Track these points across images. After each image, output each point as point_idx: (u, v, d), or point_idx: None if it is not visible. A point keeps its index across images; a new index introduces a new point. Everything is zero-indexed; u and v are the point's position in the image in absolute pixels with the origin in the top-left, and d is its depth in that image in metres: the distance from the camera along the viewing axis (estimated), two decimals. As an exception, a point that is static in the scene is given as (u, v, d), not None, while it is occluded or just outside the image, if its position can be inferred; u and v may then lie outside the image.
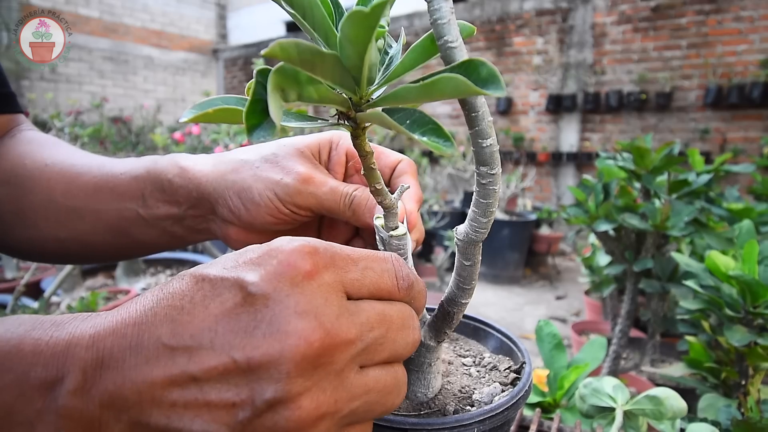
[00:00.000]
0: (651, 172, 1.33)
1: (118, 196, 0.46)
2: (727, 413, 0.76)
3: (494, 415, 0.35)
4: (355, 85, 0.27)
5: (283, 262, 0.25)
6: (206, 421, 0.23)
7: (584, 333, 2.16)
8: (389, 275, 0.29)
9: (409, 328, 0.29)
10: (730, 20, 4.35)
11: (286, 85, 0.24)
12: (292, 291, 0.24)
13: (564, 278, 4.32)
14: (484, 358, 0.47)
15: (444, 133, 0.27)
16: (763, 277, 0.93)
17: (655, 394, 0.64)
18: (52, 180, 0.48)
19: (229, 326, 0.23)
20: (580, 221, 1.41)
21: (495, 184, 0.31)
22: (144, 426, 0.23)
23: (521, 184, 4.67)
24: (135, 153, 4.89)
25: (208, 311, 0.23)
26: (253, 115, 0.25)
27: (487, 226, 0.33)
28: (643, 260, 1.35)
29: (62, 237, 0.48)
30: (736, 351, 0.96)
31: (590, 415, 0.69)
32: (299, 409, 0.23)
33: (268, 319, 0.23)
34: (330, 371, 0.24)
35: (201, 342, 0.23)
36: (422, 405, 0.39)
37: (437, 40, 0.27)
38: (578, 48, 5.16)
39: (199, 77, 8.49)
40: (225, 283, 0.24)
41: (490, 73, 0.25)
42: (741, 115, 4.38)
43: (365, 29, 0.22)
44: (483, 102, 0.28)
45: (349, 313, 0.25)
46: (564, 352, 0.93)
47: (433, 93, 0.25)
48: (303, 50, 0.22)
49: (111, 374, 0.22)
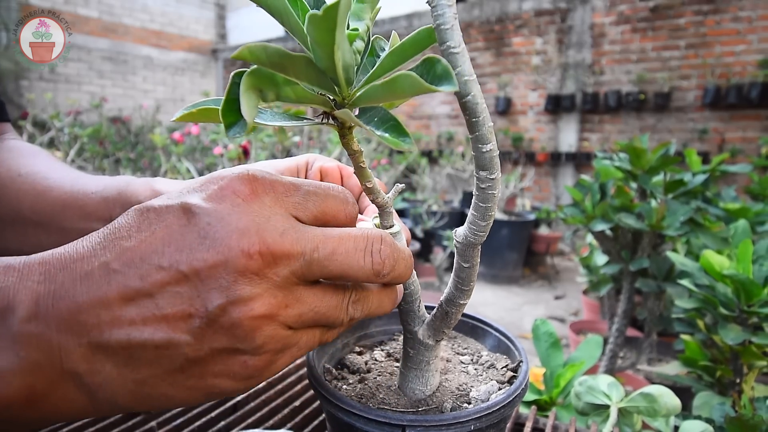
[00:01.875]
0: (647, 173, 1.34)
1: (85, 215, 0.45)
2: (720, 411, 0.77)
3: (491, 413, 0.35)
4: (335, 85, 0.27)
5: (224, 187, 0.26)
6: (166, 332, 0.25)
7: (582, 332, 2.17)
8: (334, 200, 0.30)
9: (362, 251, 0.29)
10: (729, 21, 4.37)
11: (264, 86, 0.26)
12: (233, 210, 0.26)
13: (563, 278, 4.33)
14: (481, 357, 0.47)
15: (403, 130, 0.28)
16: (758, 277, 0.94)
17: (649, 392, 0.65)
18: (22, 191, 0.47)
19: (175, 245, 0.25)
20: (576, 221, 1.42)
21: (494, 189, 0.31)
22: (105, 345, 0.24)
23: (520, 184, 4.68)
24: (134, 153, 4.89)
25: (154, 236, 0.25)
26: (230, 113, 0.26)
27: (486, 229, 0.34)
28: (640, 260, 1.36)
29: (26, 251, 0.46)
30: (730, 349, 0.97)
31: (585, 413, 0.69)
32: (251, 310, 0.25)
33: (212, 235, 0.25)
34: (276, 281, 0.26)
35: (150, 262, 0.25)
36: (420, 402, 0.40)
37: (440, 45, 0.28)
38: (577, 48, 5.17)
39: (199, 77, 8.50)
40: (170, 209, 0.26)
41: (444, 70, 0.26)
42: (739, 115, 4.39)
43: (326, 31, 0.23)
44: (484, 108, 0.29)
45: (295, 230, 0.27)
46: (560, 351, 0.94)
47: (395, 91, 0.26)
48: (271, 53, 0.24)
49: (64, 303, 0.24)
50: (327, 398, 0.37)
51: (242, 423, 0.58)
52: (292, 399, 0.64)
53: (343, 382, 0.42)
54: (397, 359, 0.46)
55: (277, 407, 0.61)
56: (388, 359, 0.47)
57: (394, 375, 0.44)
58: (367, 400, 0.40)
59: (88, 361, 0.24)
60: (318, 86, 0.27)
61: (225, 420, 0.58)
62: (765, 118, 4.28)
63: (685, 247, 1.47)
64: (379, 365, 0.46)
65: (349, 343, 0.49)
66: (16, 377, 0.23)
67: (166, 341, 0.25)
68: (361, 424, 0.35)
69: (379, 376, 0.44)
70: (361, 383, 0.42)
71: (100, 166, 4.26)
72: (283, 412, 0.59)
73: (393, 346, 0.49)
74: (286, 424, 0.58)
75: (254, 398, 0.63)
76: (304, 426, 0.59)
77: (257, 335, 0.26)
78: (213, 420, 0.57)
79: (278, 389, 0.65)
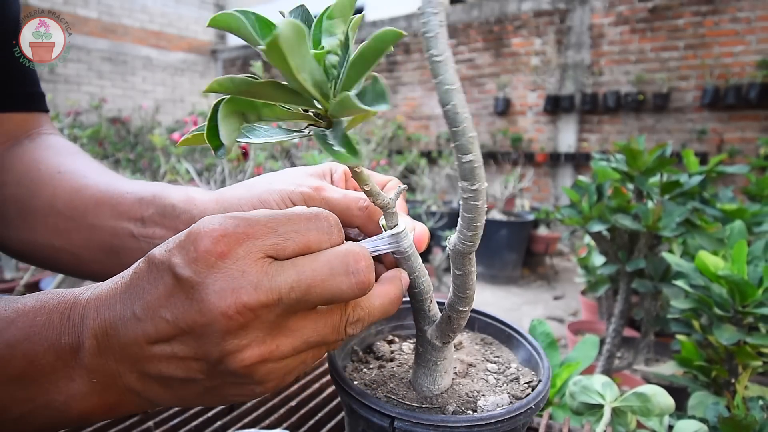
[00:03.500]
0: (643, 174, 1.35)
1: (118, 214, 0.46)
2: (714, 410, 0.78)
3: (483, 425, 0.35)
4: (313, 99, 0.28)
5: (199, 249, 0.28)
6: (184, 370, 0.29)
7: (580, 333, 2.17)
8: (317, 231, 0.31)
9: (341, 274, 0.30)
10: (727, 21, 4.37)
11: (246, 109, 0.28)
12: (209, 272, 0.28)
13: (562, 278, 4.33)
14: (510, 368, 0.46)
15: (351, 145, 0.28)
16: (752, 277, 0.95)
17: (642, 391, 0.66)
18: (59, 188, 0.49)
19: (171, 302, 0.28)
20: (574, 222, 1.42)
21: (477, 200, 0.31)
22: (147, 374, 0.30)
23: (519, 185, 4.68)
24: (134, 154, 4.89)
25: (158, 291, 0.29)
26: (214, 138, 0.28)
27: (474, 239, 0.33)
28: (636, 260, 1.36)
29: (57, 246, 0.48)
30: (725, 350, 0.97)
31: (580, 412, 0.70)
32: (243, 360, 0.29)
33: (196, 298, 0.28)
34: (262, 327, 0.29)
35: (158, 315, 0.28)
36: (425, 399, 0.40)
37: (425, 52, 0.28)
38: (576, 49, 5.17)
39: (198, 78, 8.50)
40: (162, 267, 0.29)
41: (381, 90, 0.26)
42: (738, 115, 4.40)
43: (280, 61, 0.24)
44: (465, 117, 0.28)
45: (269, 278, 0.28)
46: (557, 351, 0.94)
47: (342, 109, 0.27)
48: (238, 83, 0.26)
49: (115, 340, 0.29)
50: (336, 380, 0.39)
51: (239, 423, 0.58)
52: (289, 399, 0.65)
53: (365, 365, 0.44)
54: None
55: (273, 407, 0.62)
56: (413, 353, 0.47)
57: (410, 368, 0.44)
58: (378, 386, 0.41)
59: (141, 383, 0.30)
60: (295, 104, 0.29)
61: (221, 420, 0.58)
62: (764, 119, 4.28)
63: (682, 247, 1.47)
64: (403, 356, 0.47)
65: (383, 330, 0.51)
66: (94, 396, 0.30)
67: (186, 377, 0.30)
68: (357, 407, 0.37)
69: (398, 366, 0.45)
70: (379, 369, 0.44)
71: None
72: (280, 411, 0.60)
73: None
74: (282, 423, 0.59)
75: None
76: (300, 425, 0.59)
77: (255, 375, 0.30)
78: (209, 420, 0.58)
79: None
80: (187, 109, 8.16)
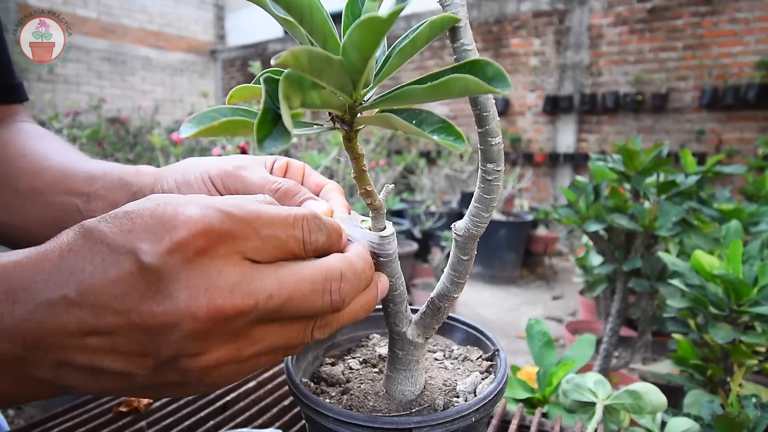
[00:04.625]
0: (640, 174, 1.35)
1: (69, 190, 0.47)
2: (709, 408, 0.78)
3: (488, 402, 0.37)
4: (353, 88, 0.27)
5: (175, 241, 0.25)
6: (123, 364, 0.26)
7: (578, 332, 2.17)
8: (296, 240, 0.29)
9: (320, 292, 0.28)
10: (726, 22, 4.38)
11: (291, 93, 0.24)
12: (183, 267, 0.25)
13: (560, 278, 4.33)
14: (453, 351, 0.48)
15: (455, 131, 0.28)
16: (747, 277, 0.95)
17: (634, 389, 0.66)
18: (22, 170, 0.50)
19: (127, 291, 0.25)
20: (571, 222, 1.43)
21: (499, 180, 0.33)
22: (70, 363, 0.26)
23: (518, 185, 4.68)
24: (133, 153, 4.89)
25: (107, 276, 0.25)
26: (264, 125, 0.25)
27: (487, 220, 0.35)
28: (633, 260, 1.36)
29: (12, 223, 0.50)
30: (721, 348, 0.98)
31: (572, 410, 0.70)
32: (200, 362, 0.26)
33: (162, 291, 0.25)
34: (228, 333, 0.26)
35: (104, 303, 0.25)
36: (411, 403, 0.40)
37: (453, 43, 0.29)
38: (575, 49, 5.18)
39: (197, 78, 8.50)
40: (121, 250, 0.25)
41: (496, 72, 0.26)
42: (736, 116, 4.40)
43: (376, 35, 0.23)
44: (492, 103, 0.30)
45: (247, 282, 0.26)
46: (553, 350, 0.94)
47: (440, 93, 0.26)
48: (314, 57, 0.23)
49: (29, 325, 0.25)
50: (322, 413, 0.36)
51: (231, 422, 0.58)
52: (282, 398, 0.65)
53: (325, 395, 0.41)
54: (373, 365, 0.46)
55: (266, 406, 0.62)
56: (364, 366, 0.46)
57: (375, 381, 0.43)
58: (357, 410, 0.39)
59: (56, 371, 0.26)
60: (341, 90, 0.26)
61: (214, 419, 0.58)
62: (762, 119, 4.29)
63: (678, 247, 1.48)
64: (358, 373, 0.45)
65: (318, 355, 0.48)
66: None
67: (123, 371, 0.26)
68: None
69: (362, 384, 0.43)
70: (346, 394, 0.41)
71: (99, 166, 4.25)
72: (272, 411, 0.60)
73: (364, 353, 0.48)
74: (275, 423, 0.59)
75: (244, 398, 0.64)
76: (292, 425, 0.59)
77: (207, 378, 0.27)
78: (202, 419, 0.58)
79: (268, 389, 0.66)
80: (186, 110, 8.16)
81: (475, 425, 0.37)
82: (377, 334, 0.52)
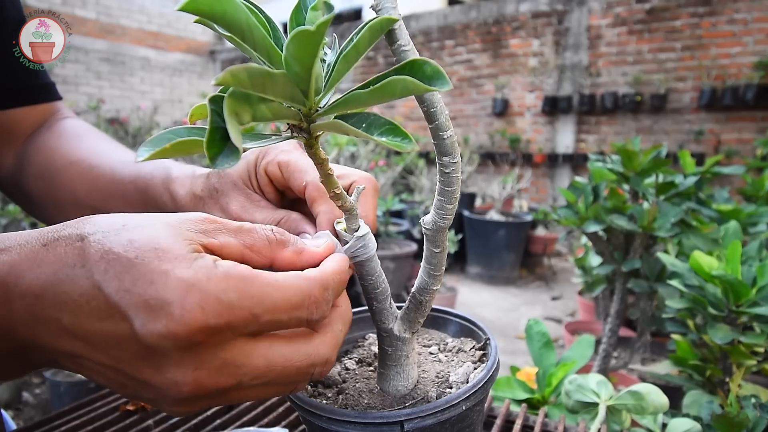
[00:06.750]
0: (639, 174, 1.36)
1: (127, 204, 0.51)
2: (708, 409, 0.78)
3: (477, 390, 0.38)
4: (304, 97, 0.27)
5: (171, 330, 0.25)
6: (107, 381, 0.28)
7: (577, 333, 2.18)
8: (298, 321, 0.29)
9: (304, 375, 0.30)
10: (724, 23, 4.39)
11: (239, 109, 0.25)
12: (175, 350, 0.26)
13: (560, 279, 4.35)
14: (447, 344, 0.48)
15: (401, 132, 0.29)
16: (746, 277, 0.96)
17: (637, 390, 0.67)
18: (76, 179, 0.54)
19: (120, 346, 0.26)
20: (570, 222, 1.43)
21: (457, 172, 0.33)
22: (62, 366, 0.28)
23: (517, 186, 4.70)
24: (132, 154, 4.88)
25: (102, 327, 0.26)
26: (213, 144, 0.25)
27: (453, 212, 0.36)
28: (632, 260, 1.37)
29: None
30: (720, 349, 0.98)
31: (575, 411, 0.71)
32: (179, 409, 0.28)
33: (153, 362, 0.26)
34: (208, 398, 0.28)
35: (97, 344, 0.26)
36: (405, 397, 0.41)
37: (391, 45, 0.29)
38: (574, 50, 5.19)
39: (196, 78, 8.50)
40: (117, 310, 0.25)
41: (434, 71, 0.27)
42: (735, 116, 4.42)
43: (312, 46, 0.24)
44: (439, 98, 0.31)
45: (236, 364, 0.27)
46: (553, 351, 0.95)
47: (383, 95, 0.27)
48: (253, 74, 0.23)
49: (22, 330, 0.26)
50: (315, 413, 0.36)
51: (238, 421, 0.59)
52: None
53: (321, 397, 0.42)
54: (369, 364, 0.46)
55: (272, 405, 0.63)
56: (360, 366, 0.46)
57: (370, 379, 0.44)
58: (352, 408, 0.40)
59: (51, 364, 0.29)
60: (291, 100, 0.27)
61: (221, 418, 0.59)
62: (760, 120, 4.30)
63: (677, 248, 1.48)
64: (353, 373, 0.45)
65: None
66: None
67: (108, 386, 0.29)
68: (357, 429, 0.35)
69: (357, 383, 0.43)
70: (341, 394, 0.42)
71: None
72: (278, 410, 0.61)
73: (360, 353, 0.49)
74: (281, 422, 0.60)
75: (249, 397, 0.65)
76: (298, 423, 0.60)
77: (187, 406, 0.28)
78: (209, 418, 0.58)
79: (273, 388, 0.67)
80: (185, 110, 8.16)
81: (466, 414, 0.37)
82: (373, 334, 0.52)
